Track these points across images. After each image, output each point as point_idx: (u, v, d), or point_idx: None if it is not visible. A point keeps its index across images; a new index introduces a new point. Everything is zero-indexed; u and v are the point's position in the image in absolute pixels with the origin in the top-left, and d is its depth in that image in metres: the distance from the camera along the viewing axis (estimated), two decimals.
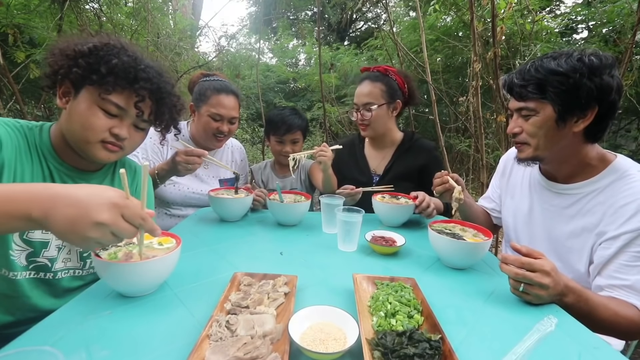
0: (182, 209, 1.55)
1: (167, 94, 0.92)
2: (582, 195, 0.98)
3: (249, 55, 7.61)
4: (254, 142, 6.61)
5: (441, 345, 0.57)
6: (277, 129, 1.70)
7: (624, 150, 4.04)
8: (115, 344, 0.59)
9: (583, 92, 0.85)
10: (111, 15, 4.00)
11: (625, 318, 0.83)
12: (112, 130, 0.85)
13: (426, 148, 1.62)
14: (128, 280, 0.72)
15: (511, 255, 0.80)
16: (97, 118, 0.82)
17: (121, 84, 0.82)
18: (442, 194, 1.18)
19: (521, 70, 0.94)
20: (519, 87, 0.93)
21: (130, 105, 0.85)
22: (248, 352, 0.55)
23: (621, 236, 0.88)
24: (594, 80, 0.85)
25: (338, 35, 10.76)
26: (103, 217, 0.54)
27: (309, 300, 0.76)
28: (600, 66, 0.86)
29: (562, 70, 0.86)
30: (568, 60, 0.87)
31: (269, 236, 1.19)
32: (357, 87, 1.61)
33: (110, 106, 0.83)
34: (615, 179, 0.93)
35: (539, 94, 0.89)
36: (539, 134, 0.94)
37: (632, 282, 0.86)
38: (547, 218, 1.07)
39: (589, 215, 0.96)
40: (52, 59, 0.83)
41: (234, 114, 1.50)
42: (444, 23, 4.83)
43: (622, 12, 3.34)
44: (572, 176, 1.01)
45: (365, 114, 1.55)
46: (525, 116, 0.95)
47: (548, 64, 0.89)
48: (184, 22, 5.53)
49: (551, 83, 0.87)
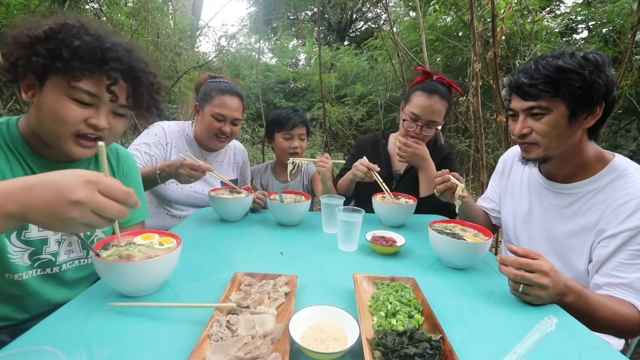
0: (184, 209, 1.56)
1: (142, 72, 0.83)
2: (581, 195, 0.98)
3: (249, 55, 7.62)
4: (254, 142, 6.61)
5: (442, 345, 0.57)
6: (283, 125, 1.71)
7: (624, 150, 4.04)
8: (116, 344, 0.59)
9: (594, 88, 0.85)
10: (111, 15, 4.01)
11: (623, 316, 0.83)
12: (88, 121, 0.78)
13: (445, 152, 1.63)
14: (128, 280, 0.72)
15: (509, 256, 0.80)
16: (69, 110, 0.76)
17: (89, 68, 0.74)
18: (442, 192, 1.18)
19: (526, 70, 0.93)
20: (529, 86, 0.91)
21: (103, 90, 0.77)
22: (249, 352, 0.55)
23: (620, 234, 0.88)
24: (601, 76, 0.86)
25: (338, 35, 10.76)
26: (78, 195, 0.51)
27: (310, 300, 0.76)
28: (604, 63, 0.87)
29: (572, 68, 0.85)
30: (574, 58, 0.87)
31: (269, 236, 1.19)
32: (423, 98, 1.44)
33: (82, 94, 0.76)
34: (614, 178, 0.94)
35: (551, 92, 0.88)
36: (552, 133, 0.92)
37: (629, 280, 0.86)
38: (547, 218, 1.07)
39: (589, 214, 0.96)
40: (7, 49, 0.75)
41: (237, 115, 1.51)
42: (444, 23, 4.83)
43: (622, 12, 3.34)
44: (571, 176, 1.01)
45: (427, 130, 1.47)
46: (536, 115, 0.93)
47: (555, 62, 0.88)
48: (184, 22, 5.53)
49: (563, 80, 0.86)
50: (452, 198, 1.15)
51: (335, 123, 5.82)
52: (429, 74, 1.54)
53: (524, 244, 1.15)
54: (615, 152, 1.01)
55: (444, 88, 1.48)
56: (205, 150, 1.62)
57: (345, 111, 6.09)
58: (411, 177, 1.58)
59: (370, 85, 6.32)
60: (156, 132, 1.50)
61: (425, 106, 1.44)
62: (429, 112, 1.44)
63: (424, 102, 1.45)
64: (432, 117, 1.45)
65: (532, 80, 0.90)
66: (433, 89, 1.45)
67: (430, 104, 1.44)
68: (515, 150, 1.24)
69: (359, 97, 6.42)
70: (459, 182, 1.13)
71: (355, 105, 6.35)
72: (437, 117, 1.46)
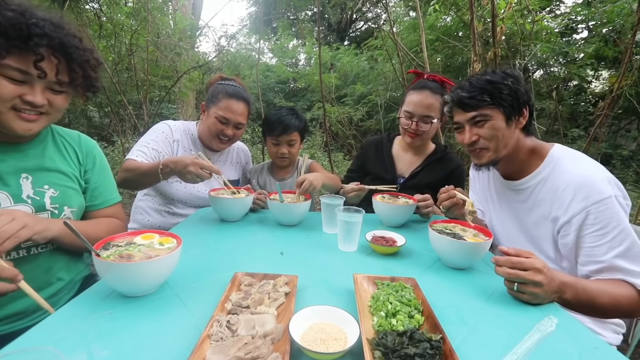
0: (186, 208, 1.56)
1: (74, 48, 0.81)
2: (532, 188, 1.09)
3: (249, 55, 7.63)
4: (254, 142, 6.61)
5: (442, 345, 0.57)
6: (272, 130, 1.65)
7: (624, 150, 4.03)
8: (116, 344, 0.59)
9: (519, 94, 1.02)
10: (111, 15, 4.01)
11: (624, 297, 0.88)
12: (24, 98, 0.78)
13: (456, 163, 1.61)
14: (129, 280, 0.72)
15: (502, 257, 0.81)
16: (2, 86, 0.75)
17: (15, 44, 0.72)
18: (449, 209, 1.16)
19: (462, 86, 1.07)
20: (468, 99, 1.04)
21: (30, 66, 0.76)
22: (249, 352, 0.55)
23: (572, 220, 0.96)
24: (521, 85, 1.04)
25: (338, 35, 10.77)
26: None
27: (310, 300, 0.76)
28: (519, 76, 1.05)
29: (499, 80, 1.02)
30: (496, 74, 1.04)
31: (270, 236, 1.20)
32: (414, 95, 1.51)
33: (11, 71, 0.75)
34: (552, 168, 1.04)
35: (488, 101, 1.02)
36: (497, 135, 1.04)
37: (608, 262, 0.91)
38: (514, 215, 1.16)
39: (542, 204, 1.06)
40: None
41: (240, 119, 1.51)
42: (444, 23, 4.84)
43: (622, 12, 3.35)
44: (520, 172, 1.11)
45: (422, 125, 1.50)
46: (479, 122, 1.05)
47: (484, 77, 1.04)
48: (184, 22, 5.53)
49: (495, 90, 1.02)
50: (459, 214, 1.15)
51: (335, 123, 5.82)
52: (420, 74, 1.58)
53: (505, 243, 1.21)
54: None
55: (435, 84, 1.51)
56: (209, 150, 1.62)
57: (345, 111, 6.10)
58: (415, 182, 1.57)
59: (370, 85, 6.33)
60: (163, 130, 1.50)
61: (417, 102, 1.49)
62: (422, 107, 1.48)
63: (415, 98, 1.50)
64: (425, 112, 1.48)
65: (470, 93, 1.04)
66: (423, 85, 1.51)
67: (422, 99, 1.48)
68: None
69: (359, 97, 6.42)
70: (466, 197, 1.11)
71: (355, 105, 6.36)
72: (431, 112, 1.48)
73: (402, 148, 1.68)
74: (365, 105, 6.06)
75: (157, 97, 4.30)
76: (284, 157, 1.68)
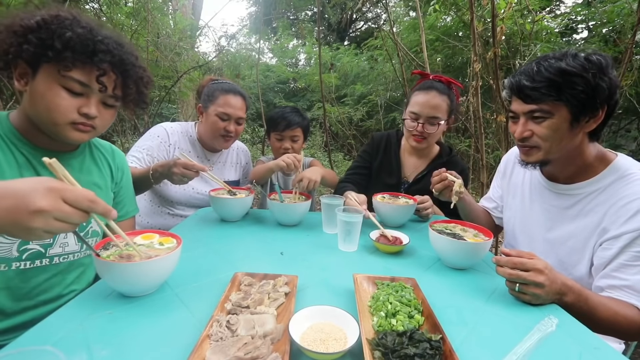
0: (186, 209, 1.56)
1: (131, 65, 0.86)
2: (583, 196, 0.97)
3: (249, 55, 7.62)
4: (254, 142, 6.61)
5: (442, 345, 0.57)
6: (277, 125, 1.71)
7: (624, 150, 4.05)
8: (116, 344, 0.59)
9: (598, 91, 0.84)
10: (111, 15, 4.00)
11: (625, 318, 0.82)
12: (80, 110, 0.81)
13: (460, 167, 1.56)
14: (128, 280, 0.72)
15: (503, 257, 0.80)
16: (62, 98, 0.78)
17: (80, 59, 0.77)
18: (441, 191, 1.17)
19: (528, 72, 0.90)
20: (530, 90, 0.88)
21: (93, 80, 0.80)
22: (248, 352, 0.55)
23: (623, 236, 0.87)
24: (604, 79, 0.84)
25: (338, 35, 10.77)
26: (40, 203, 0.51)
27: (310, 300, 0.76)
28: (607, 65, 0.85)
29: (576, 71, 0.83)
30: (577, 60, 0.84)
31: (269, 236, 1.19)
32: (420, 95, 1.45)
33: (73, 84, 0.79)
34: (616, 178, 0.92)
35: (554, 96, 0.86)
36: (553, 137, 0.90)
37: (632, 282, 0.85)
38: (548, 219, 1.06)
39: (591, 215, 0.95)
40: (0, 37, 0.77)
41: (240, 114, 1.51)
42: (444, 23, 4.84)
43: (622, 12, 3.35)
44: (573, 177, 1.00)
45: (429, 127, 1.44)
46: (538, 118, 0.91)
47: (557, 64, 0.85)
48: (184, 22, 5.53)
49: (566, 84, 0.84)
50: (450, 197, 1.15)
51: (335, 123, 5.82)
52: (425, 75, 1.54)
53: (523, 245, 1.14)
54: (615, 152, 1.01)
55: (441, 84, 1.47)
56: (209, 150, 1.62)
57: (345, 111, 6.10)
58: (419, 187, 1.54)
59: (370, 85, 6.33)
60: (159, 134, 1.50)
61: (424, 102, 1.43)
62: (428, 108, 1.43)
63: (421, 99, 1.44)
64: (432, 113, 1.43)
65: (534, 83, 0.87)
66: (429, 86, 1.45)
67: (428, 100, 1.43)
68: (516, 151, 1.24)
69: (359, 97, 6.42)
70: (455, 179, 1.13)
71: (355, 105, 6.36)
72: (438, 113, 1.43)
73: (407, 151, 1.64)
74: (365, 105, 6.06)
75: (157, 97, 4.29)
76: (287, 153, 1.69)
